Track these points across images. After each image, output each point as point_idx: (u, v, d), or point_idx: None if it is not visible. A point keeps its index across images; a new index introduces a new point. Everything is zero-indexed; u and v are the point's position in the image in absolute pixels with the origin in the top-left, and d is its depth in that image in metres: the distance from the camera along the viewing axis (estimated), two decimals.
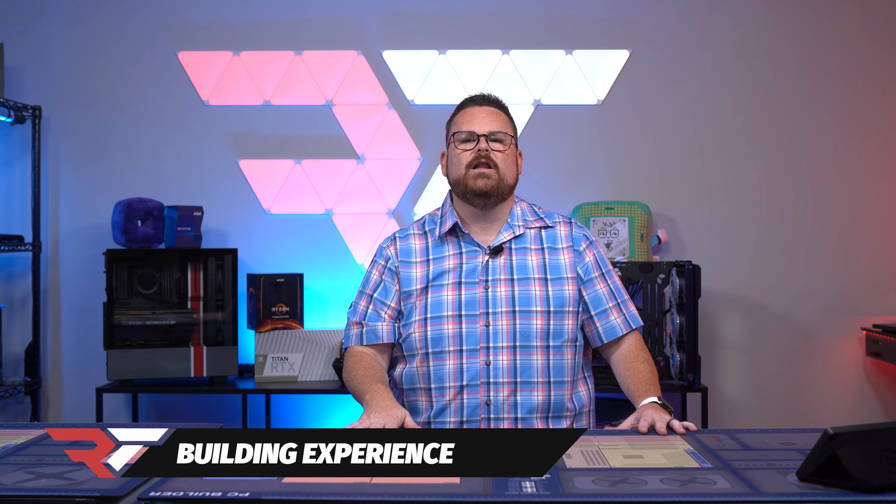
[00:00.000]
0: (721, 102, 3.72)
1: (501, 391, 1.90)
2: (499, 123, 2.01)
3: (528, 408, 1.90)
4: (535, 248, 2.00)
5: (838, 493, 1.23)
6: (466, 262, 1.98)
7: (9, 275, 3.74)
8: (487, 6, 3.73)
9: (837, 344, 3.70)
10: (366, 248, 3.73)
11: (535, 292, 1.95)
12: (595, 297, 1.99)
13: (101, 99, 3.74)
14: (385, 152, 3.74)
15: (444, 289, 1.96)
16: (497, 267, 1.97)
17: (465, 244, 2.00)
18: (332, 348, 3.48)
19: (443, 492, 1.25)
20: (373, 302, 2.01)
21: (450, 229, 2.01)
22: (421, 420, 1.95)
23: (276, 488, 1.27)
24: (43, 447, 1.55)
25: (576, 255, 2.01)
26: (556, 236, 2.02)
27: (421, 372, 1.94)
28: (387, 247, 2.06)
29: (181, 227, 3.45)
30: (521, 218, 2.03)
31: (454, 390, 1.91)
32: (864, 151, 3.71)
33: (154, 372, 3.37)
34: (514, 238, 2.00)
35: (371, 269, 2.06)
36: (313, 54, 3.73)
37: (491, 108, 2.03)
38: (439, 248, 2.02)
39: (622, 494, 1.24)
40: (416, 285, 1.98)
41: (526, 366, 1.91)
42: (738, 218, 3.71)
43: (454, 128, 2.04)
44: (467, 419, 1.91)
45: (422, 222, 2.09)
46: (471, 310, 1.93)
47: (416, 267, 2.00)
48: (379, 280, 2.03)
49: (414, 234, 2.06)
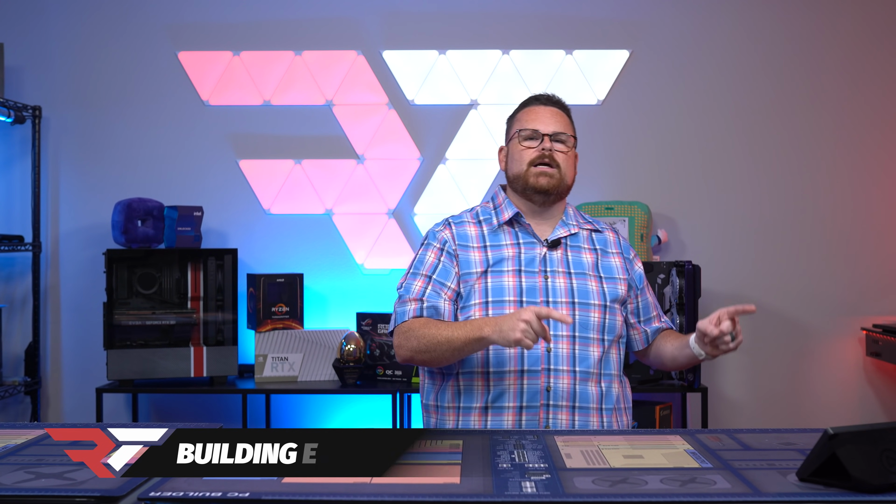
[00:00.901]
0: (721, 102, 3.72)
1: (562, 378, 1.92)
2: (562, 125, 2.05)
3: (585, 397, 1.93)
4: (588, 247, 2.06)
5: (838, 493, 1.23)
6: (525, 252, 2.01)
7: (9, 275, 3.74)
8: (487, 6, 3.73)
9: (837, 344, 3.70)
10: (366, 247, 3.74)
11: (592, 287, 2.00)
12: (645, 305, 2.12)
13: (101, 99, 3.74)
14: (385, 152, 3.74)
15: (505, 275, 1.98)
16: (555, 259, 2.01)
17: (522, 235, 2.04)
18: (332, 348, 3.48)
19: (443, 492, 1.25)
20: (432, 282, 2.00)
21: (507, 220, 2.04)
22: (477, 405, 1.94)
23: (276, 488, 1.27)
24: (43, 447, 1.55)
25: (626, 261, 2.10)
26: (607, 241, 2.10)
27: (480, 355, 1.94)
28: (440, 230, 2.06)
29: (181, 227, 3.45)
30: (574, 218, 2.09)
31: (514, 375, 1.93)
32: (864, 151, 3.71)
33: (154, 372, 3.37)
34: (570, 235, 2.05)
35: (424, 252, 2.05)
36: (313, 54, 3.73)
37: (555, 108, 2.08)
38: (496, 236, 2.04)
39: (622, 494, 1.24)
40: (475, 268, 2.00)
41: (584, 356, 1.95)
42: (738, 218, 3.71)
43: (518, 124, 2.06)
44: (527, 404, 1.92)
45: (474, 213, 2.11)
46: (532, 297, 1.96)
47: (475, 251, 2.02)
48: (437, 262, 2.02)
49: (468, 222, 2.08)
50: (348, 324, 3.63)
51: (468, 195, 3.72)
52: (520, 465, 1.41)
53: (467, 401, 1.95)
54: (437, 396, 2.01)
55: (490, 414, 1.93)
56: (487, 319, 1.85)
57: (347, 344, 3.39)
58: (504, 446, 1.55)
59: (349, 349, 3.39)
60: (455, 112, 3.72)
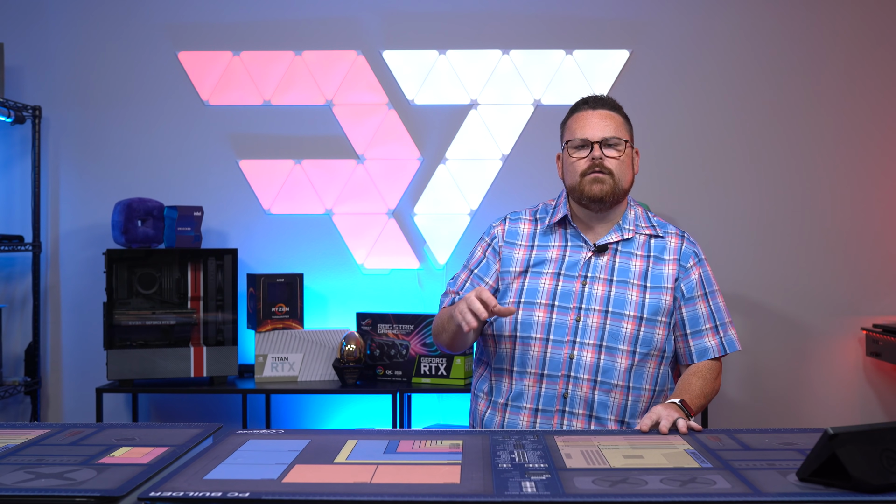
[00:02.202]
0: (721, 102, 3.72)
1: (580, 386, 1.91)
2: (612, 128, 2.00)
3: (604, 407, 1.91)
4: (641, 254, 2.01)
5: (838, 494, 1.23)
6: (570, 256, 2.01)
7: (9, 275, 3.74)
8: (487, 6, 3.73)
9: (837, 344, 3.70)
10: (366, 247, 3.74)
11: (632, 297, 1.96)
12: (693, 316, 1.99)
13: (101, 99, 3.74)
14: (385, 152, 3.74)
15: (543, 276, 1.99)
16: (599, 265, 1.99)
17: (571, 237, 2.03)
18: (332, 348, 3.48)
19: (443, 492, 1.25)
20: (472, 276, 2.06)
21: (559, 221, 2.04)
22: (501, 401, 1.98)
23: (276, 488, 1.27)
24: (43, 447, 1.55)
25: (681, 269, 2.00)
26: (666, 247, 2.02)
27: (508, 353, 1.97)
28: (496, 226, 2.11)
29: (181, 227, 3.45)
30: (633, 222, 2.04)
31: (534, 377, 1.94)
32: (863, 152, 3.71)
33: (154, 372, 3.37)
34: (622, 241, 2.01)
35: (477, 246, 2.12)
36: (313, 54, 3.73)
37: (605, 111, 2.02)
38: (546, 236, 2.05)
39: (622, 494, 1.24)
40: (515, 267, 2.02)
41: (609, 366, 1.92)
42: (738, 218, 3.71)
43: (568, 134, 2.03)
44: (543, 408, 1.93)
45: (535, 210, 2.12)
46: (564, 301, 1.95)
47: (520, 249, 2.04)
48: (482, 257, 2.08)
49: (524, 219, 2.10)
50: (348, 324, 3.63)
51: (468, 195, 3.72)
52: (520, 465, 1.41)
53: (496, 395, 2.00)
54: (478, 385, 2.07)
55: (509, 412, 1.96)
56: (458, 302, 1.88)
57: (347, 344, 3.39)
58: (504, 446, 1.55)
59: (349, 349, 3.39)
60: (455, 112, 3.72)
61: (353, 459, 1.45)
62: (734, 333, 2.01)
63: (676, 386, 1.95)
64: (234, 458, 1.46)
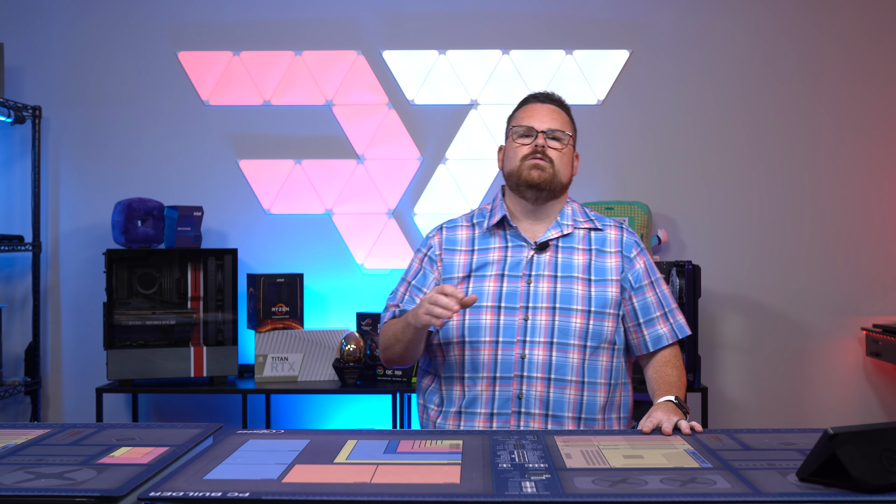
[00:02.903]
0: (721, 102, 3.72)
1: (534, 386, 1.90)
2: (558, 122, 2.01)
3: (559, 405, 1.90)
4: (583, 248, 2.00)
5: (838, 493, 1.23)
6: (511, 256, 1.99)
7: (9, 275, 3.74)
8: (487, 6, 3.73)
9: (837, 344, 3.70)
10: (366, 247, 3.73)
11: (578, 291, 1.95)
12: (644, 304, 2.00)
13: (101, 99, 3.74)
14: (385, 152, 3.74)
15: (487, 279, 1.97)
16: (541, 263, 1.97)
17: (511, 238, 2.01)
18: (332, 348, 3.48)
19: (443, 492, 1.25)
20: (410, 289, 2.04)
21: (498, 223, 2.02)
22: (454, 409, 1.95)
23: (276, 488, 1.27)
24: (43, 447, 1.55)
25: (625, 260, 2.01)
26: (606, 239, 2.02)
27: (458, 360, 1.95)
28: (432, 236, 2.09)
29: (181, 227, 3.45)
30: (571, 218, 2.03)
31: (487, 381, 1.92)
32: (864, 151, 3.71)
33: (154, 372, 3.36)
34: (562, 237, 2.00)
35: (414, 258, 2.10)
36: (313, 54, 3.73)
37: (553, 106, 2.04)
38: (486, 239, 2.03)
39: (622, 494, 1.24)
40: (458, 273, 2.00)
41: (561, 363, 1.91)
42: (738, 218, 3.71)
43: (514, 122, 2.05)
44: (498, 411, 1.91)
45: (471, 215, 2.11)
46: (511, 302, 1.94)
47: (461, 255, 2.02)
48: (419, 268, 2.06)
49: (462, 226, 2.08)
50: (348, 324, 3.63)
51: (468, 195, 3.72)
52: (520, 465, 1.41)
53: (448, 404, 1.96)
54: (426, 397, 2.03)
55: (463, 419, 1.93)
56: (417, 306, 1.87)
57: (347, 344, 3.39)
58: (504, 446, 1.55)
59: (349, 349, 3.39)
60: (455, 112, 3.72)
61: (353, 459, 1.45)
62: (682, 318, 2.03)
63: (655, 379, 1.94)
64: (234, 458, 1.46)
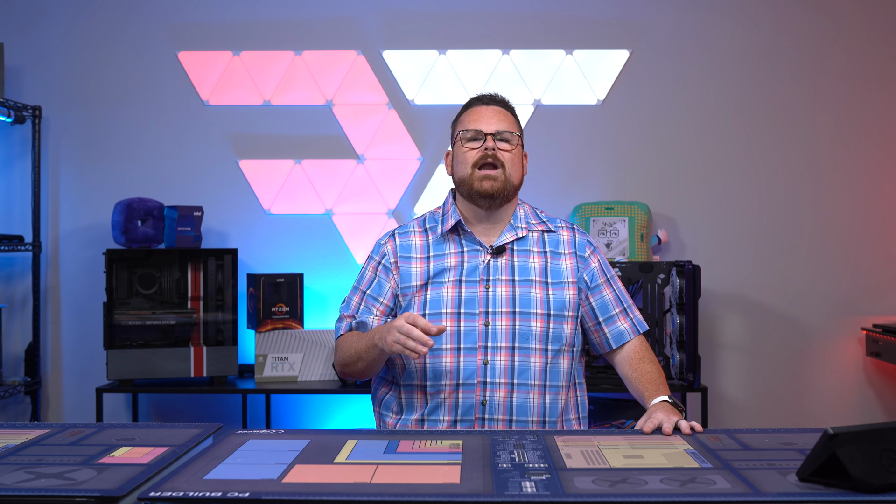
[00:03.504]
0: (721, 102, 3.72)
1: (498, 391, 1.89)
2: (505, 123, 2.00)
3: (523, 410, 1.90)
4: (538, 250, 1.99)
5: (838, 493, 1.23)
6: (468, 261, 1.97)
7: (9, 275, 3.74)
8: (487, 6, 3.73)
9: (837, 344, 3.70)
10: (366, 247, 3.73)
11: (536, 295, 1.94)
12: (602, 303, 2.00)
13: (101, 99, 3.74)
14: (385, 152, 3.74)
15: (444, 286, 1.95)
16: (499, 267, 1.96)
17: (466, 243, 2.00)
18: (332, 348, 3.48)
19: (443, 492, 1.25)
20: (365, 298, 2.01)
21: (451, 228, 2.01)
22: (415, 417, 1.94)
23: (276, 488, 1.27)
24: (43, 447, 1.55)
25: (580, 261, 2.00)
26: (559, 241, 2.02)
27: (418, 368, 1.93)
28: (384, 243, 2.05)
29: (181, 227, 3.45)
30: (524, 220, 2.02)
31: (450, 388, 1.90)
32: (863, 151, 3.71)
33: (154, 372, 3.37)
34: (517, 240, 1.99)
35: (366, 266, 2.06)
36: (313, 54, 3.73)
37: (498, 107, 2.03)
38: (440, 245, 2.01)
39: (622, 494, 1.24)
40: (415, 281, 1.98)
41: (524, 367, 1.91)
42: (738, 218, 3.71)
43: (460, 126, 2.04)
44: (461, 418, 1.90)
45: (422, 220, 2.08)
46: (470, 308, 1.93)
47: (417, 263, 2.00)
48: (373, 276, 2.03)
49: (414, 231, 2.05)
50: None
51: None
52: (520, 465, 1.41)
53: (408, 412, 1.95)
54: (383, 403, 2.02)
55: (426, 426, 1.92)
56: (381, 326, 1.85)
57: None
58: (504, 446, 1.55)
59: None
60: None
61: (352, 459, 1.45)
62: (639, 314, 2.03)
63: (636, 378, 1.92)
64: (234, 458, 1.46)
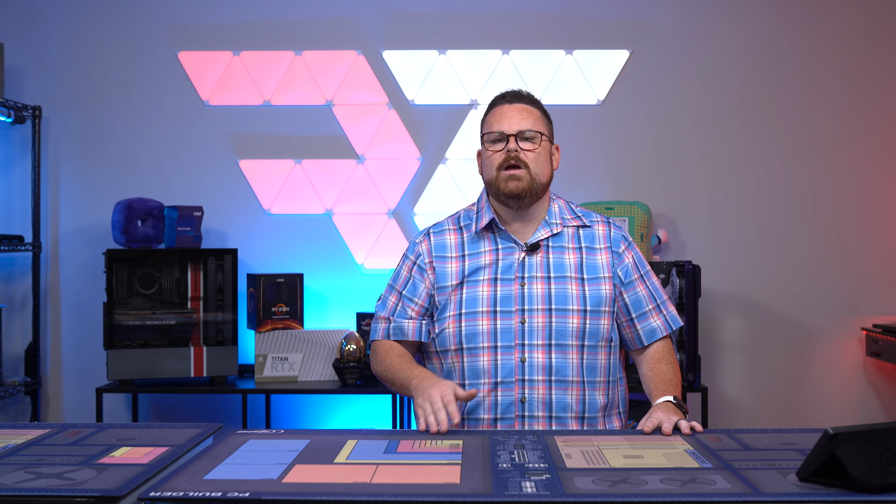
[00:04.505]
0: (721, 102, 3.72)
1: (536, 389, 1.89)
2: (529, 121, 1.97)
3: (563, 406, 1.89)
4: (573, 246, 1.99)
5: (838, 493, 1.23)
6: (503, 259, 1.97)
7: (9, 275, 3.74)
8: (487, 6, 3.73)
9: (837, 344, 3.70)
10: (366, 248, 3.74)
11: (572, 291, 1.94)
12: (636, 299, 1.98)
13: (101, 99, 3.74)
14: (385, 152, 3.74)
15: (480, 285, 1.95)
16: (534, 264, 1.96)
17: (501, 241, 1.99)
18: (332, 348, 3.48)
19: (443, 492, 1.25)
20: (402, 299, 2.01)
21: (486, 225, 2.00)
22: None
23: (276, 488, 1.27)
24: (43, 447, 1.55)
25: (615, 256, 2.00)
26: (595, 236, 2.01)
27: (456, 367, 1.94)
28: (419, 242, 2.05)
29: (181, 227, 3.45)
30: (559, 216, 2.01)
31: (488, 386, 1.90)
32: (864, 151, 3.71)
33: (154, 372, 3.36)
34: (552, 236, 1.98)
35: (401, 265, 2.05)
36: (313, 54, 3.73)
37: (522, 104, 2.00)
38: (475, 243, 2.00)
39: (622, 494, 1.24)
40: (451, 280, 1.98)
41: (561, 364, 1.90)
42: (738, 218, 3.71)
43: (485, 128, 2.01)
44: (501, 416, 1.90)
45: (457, 217, 2.08)
46: (506, 306, 1.92)
47: (452, 262, 1.99)
48: (408, 276, 2.02)
49: (449, 230, 2.05)
50: (348, 324, 3.63)
51: (468, 195, 3.72)
52: (520, 465, 1.41)
53: None
54: None
55: (466, 426, 1.92)
56: (422, 375, 1.85)
57: (347, 344, 3.39)
58: (504, 446, 1.55)
59: (349, 349, 3.39)
60: (455, 112, 3.72)
61: (353, 459, 1.45)
62: (674, 310, 2.02)
63: (651, 378, 1.93)
64: (234, 458, 1.46)
